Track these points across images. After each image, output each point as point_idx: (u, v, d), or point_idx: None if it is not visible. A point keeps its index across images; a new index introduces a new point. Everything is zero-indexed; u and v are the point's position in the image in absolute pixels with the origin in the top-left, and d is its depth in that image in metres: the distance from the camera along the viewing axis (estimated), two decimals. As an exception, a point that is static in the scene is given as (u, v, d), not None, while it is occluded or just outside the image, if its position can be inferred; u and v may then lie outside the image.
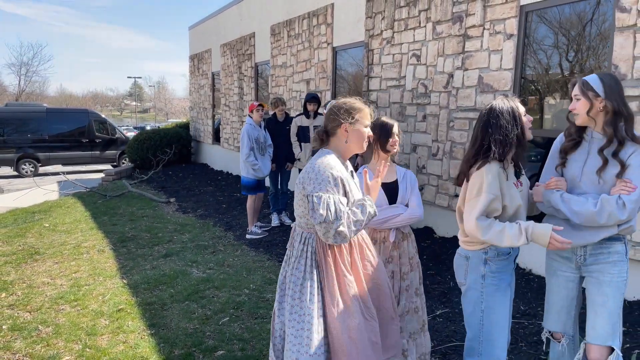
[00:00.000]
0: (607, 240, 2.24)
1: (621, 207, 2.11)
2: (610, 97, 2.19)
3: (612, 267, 2.23)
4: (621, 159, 2.14)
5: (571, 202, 2.24)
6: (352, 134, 2.34)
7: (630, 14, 3.86)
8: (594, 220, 2.17)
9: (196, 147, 16.03)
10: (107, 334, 3.76)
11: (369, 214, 2.25)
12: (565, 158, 2.37)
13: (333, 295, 2.24)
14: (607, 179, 2.19)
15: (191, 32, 16.52)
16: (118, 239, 6.53)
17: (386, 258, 2.79)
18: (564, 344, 2.44)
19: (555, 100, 4.81)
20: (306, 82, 8.96)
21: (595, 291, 2.26)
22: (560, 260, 2.40)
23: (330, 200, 2.17)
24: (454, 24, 5.57)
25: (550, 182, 2.35)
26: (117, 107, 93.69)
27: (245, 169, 6.51)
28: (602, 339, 2.23)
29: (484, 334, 2.41)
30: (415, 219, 2.84)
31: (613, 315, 2.21)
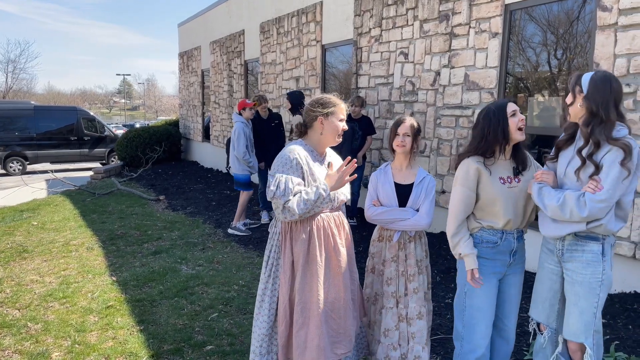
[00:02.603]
0: (583, 238, 2.25)
1: (582, 205, 2.13)
2: (590, 97, 2.18)
3: (585, 267, 2.23)
4: (595, 161, 2.15)
5: (544, 195, 2.29)
6: (326, 126, 2.53)
7: (611, 12, 3.94)
8: (558, 214, 2.22)
9: (186, 145, 15.99)
10: (96, 331, 3.78)
11: (320, 196, 2.40)
12: (558, 153, 2.41)
13: (287, 274, 2.46)
14: (584, 179, 2.21)
15: (180, 30, 16.46)
16: (107, 237, 6.53)
17: (391, 256, 2.81)
18: (545, 336, 2.48)
19: (540, 98, 4.90)
20: (296, 79, 8.99)
21: (569, 289, 2.30)
22: (547, 252, 2.44)
23: (282, 178, 2.37)
24: (440, 22, 5.63)
25: (537, 174, 2.41)
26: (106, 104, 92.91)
27: (240, 166, 6.56)
28: (574, 336, 2.27)
29: (465, 318, 2.53)
30: (419, 227, 2.76)
31: (585, 314, 2.23)
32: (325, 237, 2.48)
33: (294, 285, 2.44)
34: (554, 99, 4.71)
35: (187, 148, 15.92)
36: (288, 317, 2.45)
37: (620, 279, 3.99)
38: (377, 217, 2.81)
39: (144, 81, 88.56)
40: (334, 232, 2.51)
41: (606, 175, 2.12)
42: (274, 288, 2.51)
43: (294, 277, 2.45)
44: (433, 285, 4.42)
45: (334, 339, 2.46)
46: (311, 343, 2.38)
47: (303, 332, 2.40)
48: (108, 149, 18.09)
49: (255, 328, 2.54)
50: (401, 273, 2.80)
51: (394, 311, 2.78)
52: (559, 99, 4.63)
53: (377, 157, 6.91)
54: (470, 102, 5.29)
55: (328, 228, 2.50)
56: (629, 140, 2.14)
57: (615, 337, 3.35)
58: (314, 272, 2.43)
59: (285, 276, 2.45)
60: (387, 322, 2.78)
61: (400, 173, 2.85)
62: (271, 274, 2.52)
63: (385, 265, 2.83)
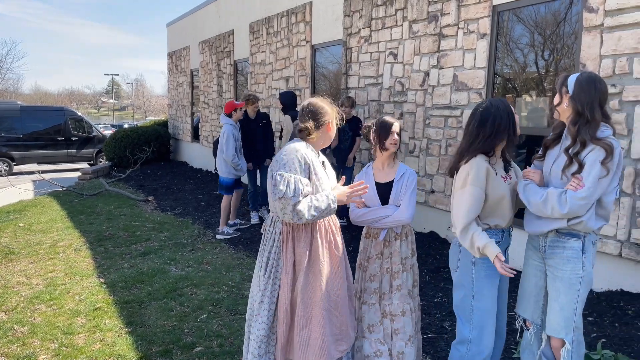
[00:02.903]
0: (565, 235, 2.30)
1: (563, 202, 2.18)
2: (576, 98, 2.24)
3: (565, 264, 2.29)
4: (579, 159, 2.22)
5: (529, 192, 2.35)
6: (332, 129, 2.63)
7: (597, 14, 3.99)
8: (541, 210, 2.28)
9: (175, 145, 15.90)
10: (84, 333, 3.74)
11: (329, 206, 2.43)
12: (545, 152, 2.47)
13: (289, 275, 2.44)
14: (569, 177, 2.27)
15: (169, 29, 16.36)
16: (95, 238, 6.47)
17: (376, 254, 2.85)
18: (531, 332, 2.52)
19: (527, 99, 4.93)
20: (285, 79, 8.98)
21: (551, 285, 2.36)
22: (531, 248, 2.50)
23: (290, 178, 2.34)
24: (429, 23, 5.66)
25: (525, 171, 2.46)
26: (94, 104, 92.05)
27: (227, 169, 6.45)
28: (554, 331, 2.32)
29: (474, 321, 2.51)
30: (400, 222, 2.79)
31: (565, 310, 2.28)
32: (326, 237, 2.53)
33: (296, 286, 2.45)
34: (542, 99, 4.75)
35: (176, 148, 15.83)
36: (289, 318, 2.45)
37: (607, 277, 4.03)
38: (361, 219, 2.87)
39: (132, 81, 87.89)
40: (334, 230, 2.58)
41: (588, 173, 2.18)
42: (274, 289, 2.49)
43: (296, 278, 2.46)
44: (422, 284, 4.44)
45: (336, 336, 2.50)
46: (314, 342, 2.40)
47: (306, 331, 2.42)
48: (96, 150, 17.93)
49: (254, 329, 2.52)
50: (385, 270, 2.84)
51: (376, 307, 2.83)
52: (546, 100, 4.68)
53: (366, 157, 6.92)
54: (459, 103, 5.32)
55: (329, 227, 2.55)
56: (611, 140, 2.20)
57: (602, 334, 3.38)
58: (317, 271, 2.46)
59: (287, 277, 2.45)
60: (371, 318, 2.82)
61: (382, 172, 2.90)
62: (271, 275, 2.50)
63: (369, 262, 2.88)
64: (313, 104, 2.59)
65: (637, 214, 3.79)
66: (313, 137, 2.56)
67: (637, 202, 3.78)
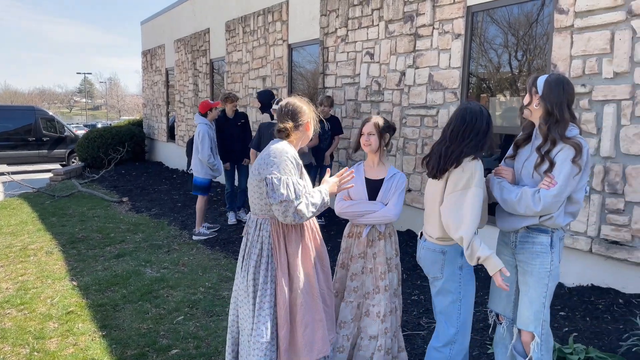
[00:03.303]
0: (534, 231, 2.37)
1: (537, 200, 2.25)
2: (546, 98, 2.32)
3: (534, 258, 2.36)
4: (550, 158, 2.29)
5: (503, 190, 2.41)
6: (310, 130, 2.63)
7: (567, 15, 4.08)
8: (515, 209, 2.34)
9: (150, 145, 15.67)
10: (56, 337, 3.66)
11: (323, 200, 2.48)
12: (516, 151, 2.53)
13: (286, 276, 2.42)
14: (539, 175, 2.34)
15: (143, 27, 16.11)
16: (67, 240, 6.33)
17: (359, 253, 2.85)
18: (504, 326, 2.59)
19: (501, 98, 5.02)
20: (262, 79, 8.94)
21: (521, 279, 2.43)
22: (503, 244, 2.56)
23: (289, 180, 2.33)
24: (405, 23, 5.70)
25: (498, 169, 2.51)
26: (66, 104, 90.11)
27: (203, 170, 6.36)
28: (524, 324, 2.39)
29: (460, 324, 2.55)
30: (387, 219, 2.79)
31: (534, 303, 2.35)
32: (312, 234, 2.56)
33: (293, 286, 2.43)
34: (515, 99, 4.84)
35: (152, 148, 15.60)
36: (289, 320, 2.42)
37: (578, 272, 4.13)
38: (346, 210, 2.85)
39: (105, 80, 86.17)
40: (317, 226, 2.64)
41: (559, 172, 2.25)
42: (272, 293, 2.42)
43: (292, 278, 2.44)
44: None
45: (328, 328, 2.55)
46: (317, 337, 2.44)
47: (309, 329, 2.42)
48: (68, 150, 17.53)
49: (257, 337, 2.37)
50: (369, 270, 2.83)
51: (352, 305, 2.86)
52: (519, 99, 4.76)
53: (344, 156, 6.94)
54: (435, 102, 5.38)
55: (313, 226, 2.60)
56: (579, 139, 2.28)
57: (574, 329, 3.46)
58: (309, 269, 2.48)
59: (285, 278, 2.41)
60: (345, 315, 2.86)
61: (372, 170, 2.92)
62: (267, 280, 2.41)
63: (352, 261, 2.89)
64: (291, 104, 2.57)
65: (606, 210, 3.89)
66: (292, 138, 2.55)
67: (606, 199, 3.88)
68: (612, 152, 3.84)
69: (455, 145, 2.41)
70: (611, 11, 3.80)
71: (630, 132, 3.73)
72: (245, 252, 2.52)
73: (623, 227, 3.79)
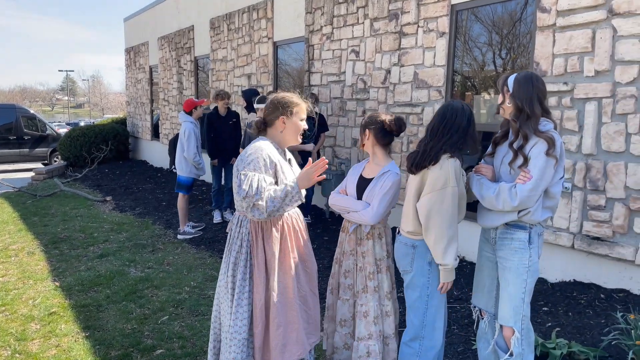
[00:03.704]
0: (512, 227, 2.40)
1: (513, 195, 2.29)
2: (516, 95, 2.37)
3: (513, 254, 2.39)
4: (524, 153, 2.33)
5: (482, 187, 2.44)
6: (288, 125, 2.54)
7: (550, 14, 4.12)
8: (493, 204, 2.37)
9: (134, 144, 15.51)
10: (38, 339, 3.60)
11: (288, 193, 2.35)
12: (495, 149, 2.57)
13: (262, 275, 2.41)
14: (516, 171, 2.38)
15: (127, 24, 15.92)
16: (50, 240, 6.23)
17: (350, 249, 2.83)
18: (486, 321, 2.62)
19: (486, 96, 5.06)
20: (247, 76, 8.89)
21: (500, 275, 2.46)
22: (484, 241, 2.59)
23: (254, 177, 2.32)
24: (390, 21, 5.71)
25: (477, 167, 2.54)
26: (48, 102, 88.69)
27: (188, 168, 6.31)
28: (504, 320, 2.42)
29: (427, 318, 2.57)
30: (363, 220, 2.74)
31: (513, 299, 2.38)
32: (294, 233, 2.52)
33: (269, 285, 2.42)
34: (499, 97, 4.87)
35: (136, 147, 15.44)
36: (264, 318, 2.43)
37: (561, 268, 4.19)
38: (334, 203, 2.87)
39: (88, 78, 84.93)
40: (301, 227, 2.59)
41: (534, 165, 2.28)
42: (250, 289, 2.45)
43: (268, 277, 2.43)
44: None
45: (307, 330, 2.51)
46: (291, 339, 2.40)
47: (282, 330, 2.40)
48: (50, 149, 17.25)
49: (235, 334, 2.41)
50: (359, 268, 2.81)
51: (349, 303, 2.83)
52: (503, 97, 4.80)
53: (330, 154, 6.94)
54: (420, 100, 5.40)
55: (296, 224, 2.55)
56: (553, 133, 2.32)
57: (557, 324, 3.51)
58: (287, 268, 2.45)
59: (260, 276, 2.42)
60: (344, 313, 2.83)
61: (369, 167, 2.88)
62: (245, 277, 2.44)
63: (344, 257, 2.87)
64: (280, 95, 2.57)
65: (588, 207, 3.95)
66: (276, 130, 2.53)
67: (588, 196, 3.94)
68: (593, 150, 3.89)
69: (434, 142, 2.46)
70: (592, 10, 3.85)
71: (611, 130, 3.79)
72: (226, 249, 2.55)
73: (604, 223, 3.85)
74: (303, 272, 2.55)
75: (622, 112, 3.72)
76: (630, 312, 3.34)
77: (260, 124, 2.57)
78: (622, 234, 3.76)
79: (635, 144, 3.66)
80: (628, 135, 3.70)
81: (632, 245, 3.69)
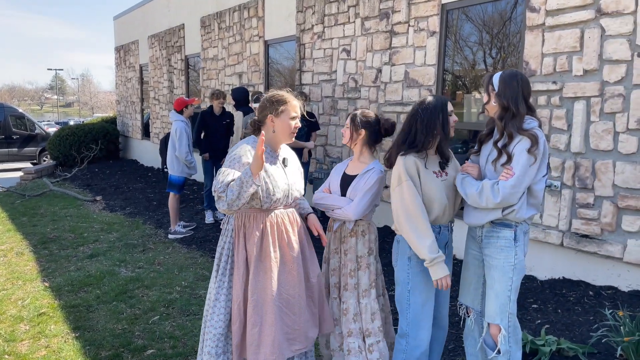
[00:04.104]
0: (498, 225, 2.41)
1: (496, 191, 2.30)
2: (501, 94, 2.38)
3: (499, 252, 2.40)
4: (508, 151, 2.35)
5: (466, 185, 2.46)
6: (277, 124, 2.50)
7: (539, 13, 4.15)
8: (477, 202, 2.38)
9: (124, 143, 15.41)
10: (28, 340, 3.57)
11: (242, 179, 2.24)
12: (480, 147, 2.58)
13: (241, 272, 2.41)
14: (499, 169, 2.39)
15: (116, 23, 15.81)
16: (39, 241, 6.18)
17: (334, 248, 2.82)
18: (472, 319, 2.64)
19: (477, 95, 5.08)
20: (238, 75, 8.87)
21: (487, 273, 2.47)
22: (471, 239, 2.60)
23: (225, 173, 2.32)
24: (381, 20, 5.73)
25: (464, 166, 2.56)
26: (37, 101, 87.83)
27: (179, 167, 6.29)
28: (491, 317, 2.43)
29: (410, 315, 2.56)
30: (345, 217, 2.72)
31: (500, 297, 2.39)
32: (279, 234, 2.48)
33: (248, 283, 2.41)
34: (484, 96, 4.90)
35: (126, 146, 15.34)
36: (242, 315, 2.42)
37: (550, 266, 4.23)
38: (318, 202, 2.86)
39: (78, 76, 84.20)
40: (288, 229, 2.51)
41: (516, 162, 2.30)
42: (229, 286, 2.46)
43: (248, 274, 2.42)
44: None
45: (289, 335, 2.44)
46: (265, 340, 2.36)
47: (257, 330, 2.38)
48: (39, 148, 17.10)
49: (210, 328, 2.46)
50: (342, 266, 2.81)
51: (337, 301, 2.82)
52: (493, 96, 4.83)
53: (322, 153, 6.94)
54: (411, 99, 5.42)
55: (282, 224, 2.49)
56: (536, 131, 2.33)
57: (546, 321, 3.54)
58: (268, 268, 2.42)
59: (239, 273, 2.42)
60: (335, 312, 2.81)
61: (353, 164, 2.87)
62: (225, 272, 2.47)
63: (330, 256, 2.86)
64: (271, 94, 2.55)
65: (576, 205, 3.98)
66: (267, 129, 2.50)
67: (576, 194, 3.98)
68: (582, 148, 3.93)
69: (400, 138, 2.53)
70: (581, 10, 3.88)
71: (599, 129, 3.83)
72: (217, 246, 2.58)
73: (593, 221, 3.89)
74: (288, 274, 2.46)
75: (610, 111, 3.76)
76: (618, 309, 3.38)
77: (255, 123, 2.56)
78: (610, 232, 3.80)
79: (623, 143, 3.70)
80: (616, 133, 3.74)
81: (620, 243, 3.74)
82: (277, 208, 2.49)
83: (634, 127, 3.64)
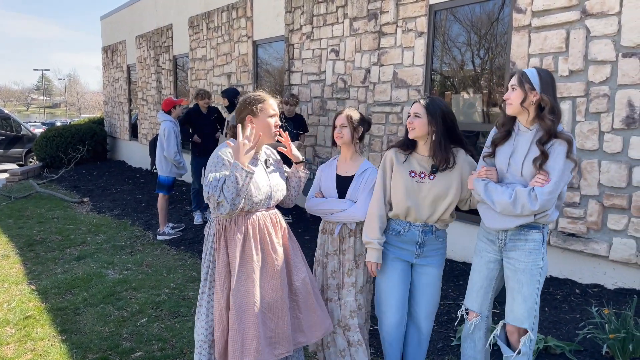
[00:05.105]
0: (526, 228, 2.34)
1: (533, 198, 2.22)
2: (546, 92, 2.27)
3: (527, 256, 2.34)
4: (547, 153, 2.25)
5: (492, 192, 2.35)
6: (256, 124, 2.44)
7: (525, 14, 4.19)
8: (510, 210, 2.29)
9: (112, 144, 15.27)
10: (13, 343, 3.52)
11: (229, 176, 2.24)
12: (495, 149, 2.47)
13: (221, 276, 2.39)
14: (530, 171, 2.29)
15: (103, 22, 15.67)
16: (25, 243, 6.10)
17: (334, 250, 2.80)
18: (473, 323, 2.56)
19: (465, 95, 5.11)
20: (227, 75, 8.84)
21: (512, 277, 2.39)
22: (486, 242, 2.51)
23: (214, 176, 2.29)
24: (369, 20, 5.74)
25: (481, 171, 2.45)
26: (23, 102, 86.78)
27: (168, 168, 6.25)
28: (518, 321, 2.38)
29: (376, 299, 2.75)
30: (354, 218, 2.73)
31: (528, 300, 2.35)
32: (261, 237, 2.42)
33: (230, 288, 2.36)
34: (478, 96, 4.94)
35: (114, 147, 15.20)
36: (225, 322, 2.36)
37: (538, 264, 4.26)
38: (316, 208, 2.83)
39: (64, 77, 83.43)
40: (270, 232, 2.46)
41: (552, 167, 2.22)
42: (211, 292, 2.42)
43: (230, 279, 2.37)
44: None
45: (271, 339, 2.38)
46: (249, 346, 2.30)
47: (239, 336, 2.31)
48: (25, 150, 16.88)
49: (195, 335, 2.45)
50: (342, 266, 2.81)
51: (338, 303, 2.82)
52: (482, 96, 4.87)
53: (311, 154, 6.94)
54: (399, 99, 5.44)
55: (264, 227, 2.44)
56: (568, 133, 2.27)
57: (542, 318, 3.56)
58: (250, 272, 2.36)
59: (220, 278, 2.37)
60: (338, 313, 2.79)
61: (345, 165, 2.84)
62: (207, 277, 2.43)
63: (328, 258, 2.84)
64: (247, 95, 2.51)
65: (563, 204, 4.02)
66: None
67: (563, 193, 4.01)
68: (568, 148, 3.97)
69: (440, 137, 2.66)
70: (566, 11, 3.92)
71: (585, 128, 3.87)
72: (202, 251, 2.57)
73: (579, 220, 3.93)
74: (271, 278, 2.42)
75: (595, 111, 3.80)
76: (604, 306, 3.42)
77: (233, 127, 2.49)
78: (596, 230, 3.84)
79: (608, 142, 3.74)
80: (601, 133, 3.78)
81: (605, 242, 3.78)
82: (259, 210, 2.45)
83: (618, 126, 3.68)
